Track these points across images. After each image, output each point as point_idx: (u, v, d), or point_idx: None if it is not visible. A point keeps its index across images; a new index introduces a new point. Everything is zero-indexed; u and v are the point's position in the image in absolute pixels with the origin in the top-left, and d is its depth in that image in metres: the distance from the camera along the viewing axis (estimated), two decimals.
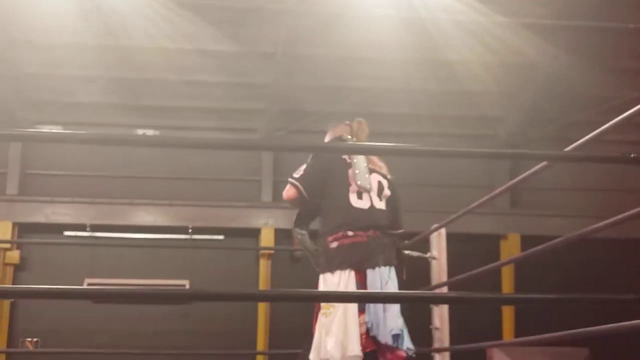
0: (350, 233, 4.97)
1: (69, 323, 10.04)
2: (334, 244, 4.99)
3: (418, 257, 6.56)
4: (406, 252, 6.50)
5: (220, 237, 11.08)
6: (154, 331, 10.42)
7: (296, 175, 5.17)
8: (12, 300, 10.37)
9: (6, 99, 10.70)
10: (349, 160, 5.22)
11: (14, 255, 10.55)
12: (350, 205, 5.06)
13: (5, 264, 10.49)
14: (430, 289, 6.32)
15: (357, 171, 5.17)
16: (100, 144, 9.86)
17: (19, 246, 10.63)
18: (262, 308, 10.70)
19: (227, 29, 9.82)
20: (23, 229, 10.77)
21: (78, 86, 10.62)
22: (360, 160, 5.27)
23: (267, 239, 10.91)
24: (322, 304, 4.99)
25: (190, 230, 10.72)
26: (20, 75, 10.47)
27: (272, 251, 10.92)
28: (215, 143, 6.10)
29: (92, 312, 10.33)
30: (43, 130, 10.69)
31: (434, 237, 6.55)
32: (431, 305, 6.36)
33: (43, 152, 11.11)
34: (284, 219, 10.96)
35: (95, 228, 10.62)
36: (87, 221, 10.58)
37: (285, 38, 9.85)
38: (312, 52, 10.21)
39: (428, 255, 6.56)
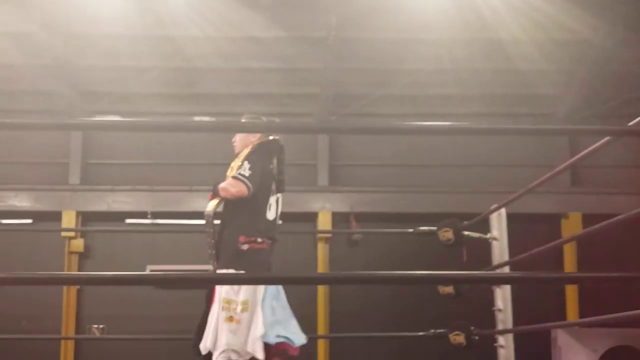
0: (259, 240, 5.40)
1: (133, 309, 10.22)
2: (245, 246, 5.34)
3: (478, 238, 6.53)
4: (466, 233, 6.47)
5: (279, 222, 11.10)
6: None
7: (245, 173, 5.35)
8: (78, 287, 10.59)
9: (64, 91, 10.90)
10: (275, 170, 5.62)
11: (79, 244, 10.77)
12: (266, 213, 5.53)
13: (71, 252, 10.72)
14: (491, 270, 6.27)
15: (277, 182, 5.67)
16: (157, 131, 10.05)
17: (83, 235, 10.83)
18: (322, 292, 10.75)
19: (277, 15, 9.85)
20: (86, 217, 10.97)
21: (133, 77, 10.77)
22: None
23: (324, 222, 10.93)
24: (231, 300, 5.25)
25: None
26: (76, 68, 10.65)
27: (329, 235, 10.94)
28: (269, 126, 6.10)
29: (155, 298, 10.49)
30: (102, 119, 10.86)
31: (493, 218, 6.49)
32: (493, 287, 6.31)
33: (103, 142, 11.29)
34: (341, 203, 10.99)
35: (155, 215, 10.75)
36: (148, 208, 10.71)
37: (336, 22, 9.83)
38: (363, 35, 10.18)
39: (488, 236, 6.51)
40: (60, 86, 10.83)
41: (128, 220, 10.82)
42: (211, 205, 5.46)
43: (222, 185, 5.40)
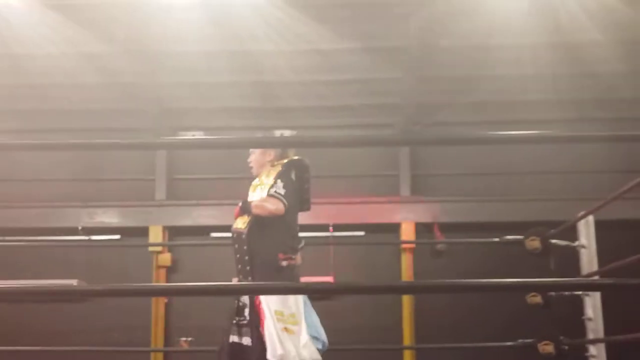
0: (293, 256, 5.56)
1: (219, 322, 10.28)
2: (285, 263, 5.50)
3: (566, 247, 6.42)
4: (553, 241, 6.37)
5: (361, 233, 11.13)
6: None
7: (280, 191, 5.49)
8: (166, 300, 10.78)
9: (149, 108, 11.14)
10: (299, 181, 5.71)
11: (166, 258, 10.96)
12: (297, 228, 5.73)
13: (159, 267, 10.92)
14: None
15: (302, 201, 5.80)
16: (240, 147, 10.14)
17: (170, 249, 11.03)
18: (407, 302, 10.69)
19: (352, 26, 9.88)
20: (172, 232, 11.17)
21: (212, 92, 10.94)
22: None
23: (407, 233, 10.88)
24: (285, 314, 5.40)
25: (331, 228, 10.82)
26: (157, 86, 10.87)
27: (413, 245, 10.88)
28: (351, 141, 6.13)
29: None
30: (187, 137, 11.09)
31: (581, 225, 6.38)
32: (583, 296, 6.19)
33: (187, 158, 11.48)
34: (424, 213, 10.93)
35: None
36: (232, 222, 10.81)
37: (415, 31, 9.81)
38: (443, 42, 10.13)
39: (576, 244, 6.40)
40: (142, 104, 11.08)
41: (213, 234, 10.97)
42: (241, 223, 5.57)
43: (256, 203, 5.51)
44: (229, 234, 10.82)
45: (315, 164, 11.12)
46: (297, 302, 5.48)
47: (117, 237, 10.97)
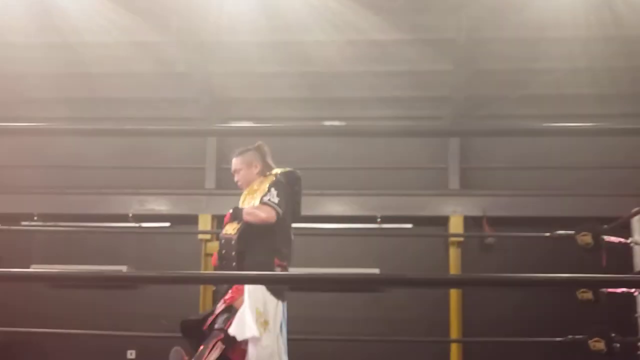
0: (286, 264, 5.55)
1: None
2: (279, 269, 5.47)
3: (618, 243, 6.34)
4: (605, 237, 6.29)
5: (409, 225, 11.10)
6: (346, 318, 10.61)
7: (274, 199, 5.44)
8: (214, 288, 10.84)
9: (200, 98, 11.22)
10: (292, 192, 5.70)
11: (214, 246, 11.02)
12: (291, 236, 5.69)
13: (207, 255, 11.02)
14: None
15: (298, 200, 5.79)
16: (290, 135, 10.21)
17: (218, 237, 11.09)
18: (455, 295, 10.63)
19: (403, 18, 9.86)
20: (221, 220, 11.22)
21: (263, 82, 10.98)
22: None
23: (456, 226, 10.82)
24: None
25: (379, 220, 10.81)
26: (209, 75, 10.94)
27: (461, 239, 10.82)
28: (402, 131, 6.10)
29: (288, 300, 10.63)
30: (236, 125, 11.18)
31: (635, 222, 6.29)
32: (636, 293, 6.10)
33: (236, 147, 11.50)
34: (473, 207, 10.86)
35: None
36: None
37: (466, 23, 9.74)
38: (493, 35, 10.06)
39: (630, 240, 6.31)
40: (194, 93, 11.17)
41: None
42: (231, 229, 5.53)
43: (248, 210, 5.48)
44: None
45: (364, 156, 11.24)
46: (276, 318, 5.47)
47: (167, 224, 11.07)
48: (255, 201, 5.51)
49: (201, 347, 5.21)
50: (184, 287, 10.18)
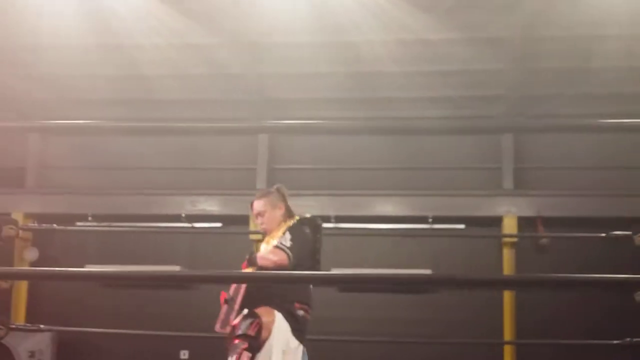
0: (308, 309, 5.51)
1: (317, 311, 10.32)
2: (301, 312, 5.44)
3: None
4: None
5: (461, 226, 10.98)
6: (398, 319, 10.54)
7: (286, 243, 5.37)
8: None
9: (252, 99, 11.26)
10: (312, 238, 5.63)
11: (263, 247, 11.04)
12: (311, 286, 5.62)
13: None
14: None
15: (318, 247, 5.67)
16: (341, 133, 10.18)
17: None
18: (508, 297, 10.49)
19: (455, 17, 9.77)
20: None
21: (315, 83, 10.97)
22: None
23: (509, 227, 10.67)
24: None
25: (430, 220, 10.72)
26: (262, 76, 10.96)
27: (515, 239, 10.66)
28: (452, 128, 6.02)
29: (338, 300, 10.63)
30: (288, 121, 11.17)
31: None
32: None
33: (287, 148, 11.56)
34: (527, 207, 10.71)
35: (339, 219, 10.89)
36: (331, 212, 10.86)
37: (519, 21, 9.61)
38: (548, 33, 9.89)
39: None
40: (245, 95, 11.20)
41: None
42: None
43: (261, 254, 5.44)
44: (327, 224, 10.93)
45: (416, 156, 11.16)
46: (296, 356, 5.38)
47: (218, 225, 11.12)
48: (270, 246, 5.49)
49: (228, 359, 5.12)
50: None
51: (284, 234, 5.49)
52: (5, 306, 10.48)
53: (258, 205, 5.85)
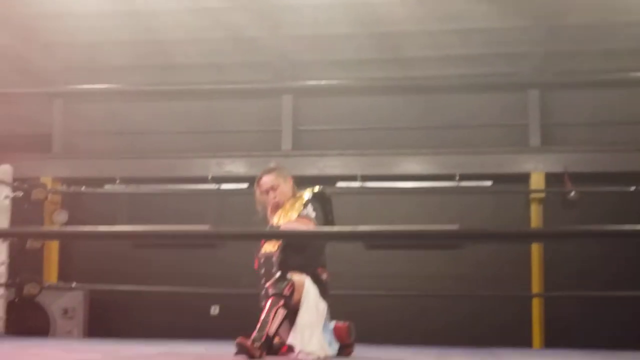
0: (327, 271, 5.84)
1: (346, 267, 10.38)
2: (324, 276, 5.75)
3: None
4: None
5: (489, 183, 10.98)
6: (425, 275, 10.60)
7: (311, 214, 5.66)
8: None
9: (272, 62, 11.26)
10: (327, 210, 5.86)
11: None
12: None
13: None
14: None
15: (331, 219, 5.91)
16: (368, 94, 10.17)
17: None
18: (535, 252, 10.49)
19: None
20: (298, 182, 11.27)
21: (334, 44, 10.92)
22: None
23: (537, 183, 10.65)
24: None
25: (457, 177, 10.72)
26: (281, 38, 10.92)
27: (542, 195, 10.64)
28: (477, 85, 6.01)
29: (366, 257, 10.71)
30: (312, 82, 11.24)
31: None
32: None
33: (312, 109, 11.57)
34: (555, 163, 10.68)
35: (365, 178, 10.92)
36: (357, 172, 10.90)
37: None
38: None
39: None
40: (265, 57, 11.19)
41: (339, 184, 11.06)
42: (270, 246, 5.68)
43: (288, 224, 5.59)
44: (354, 184, 11.00)
45: (442, 114, 11.16)
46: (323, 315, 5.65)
47: (244, 186, 11.20)
48: (292, 217, 5.67)
49: (262, 316, 5.26)
50: None
51: (304, 206, 5.69)
52: (38, 266, 10.68)
53: (269, 179, 6.03)
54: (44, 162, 11.53)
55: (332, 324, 5.83)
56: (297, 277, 5.49)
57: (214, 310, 10.90)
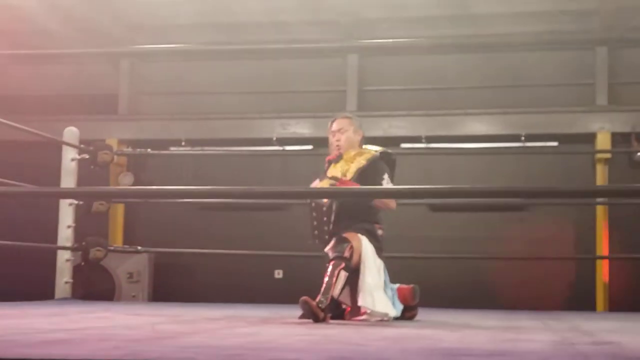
0: (382, 227, 5.84)
1: (409, 229, 10.35)
2: (380, 231, 5.76)
3: None
4: None
5: (554, 143, 10.84)
6: (490, 237, 10.55)
7: (391, 184, 5.68)
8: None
9: (338, 19, 11.18)
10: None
11: None
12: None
13: None
14: None
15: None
16: (433, 52, 10.07)
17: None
18: (601, 212, 10.36)
19: None
20: (364, 142, 11.28)
21: (400, 1, 10.79)
22: None
23: (603, 143, 10.48)
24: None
25: (523, 138, 10.61)
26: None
27: (609, 155, 10.48)
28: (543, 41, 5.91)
29: (428, 219, 10.70)
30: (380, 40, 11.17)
31: None
32: None
33: (377, 69, 11.52)
34: (622, 123, 10.49)
35: (430, 139, 10.88)
36: (423, 133, 10.85)
37: None
38: None
39: None
40: (332, 15, 11.12)
41: (403, 145, 11.03)
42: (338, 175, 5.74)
43: (379, 202, 5.70)
44: (419, 145, 10.94)
45: (507, 73, 11.01)
46: (381, 274, 5.65)
47: (309, 147, 11.24)
48: (350, 170, 5.69)
49: (325, 279, 5.30)
50: None
51: (382, 177, 5.65)
52: (103, 229, 10.87)
53: (342, 122, 6.05)
54: (110, 123, 11.70)
55: (396, 285, 5.84)
56: (354, 238, 5.48)
57: (278, 274, 11.03)
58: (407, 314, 5.84)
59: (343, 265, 5.32)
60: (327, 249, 5.56)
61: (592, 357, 2.82)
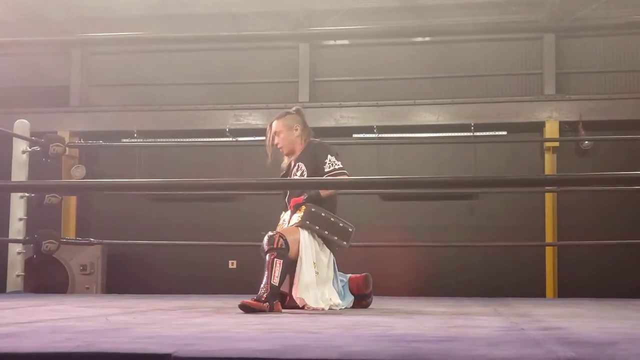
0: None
1: (361, 219, 10.46)
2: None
3: None
4: None
5: (503, 132, 11.01)
6: (441, 226, 10.70)
7: (341, 164, 5.78)
8: None
9: (289, 10, 11.23)
10: None
11: None
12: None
13: None
14: None
15: None
16: (381, 38, 10.02)
17: None
18: (549, 201, 10.58)
19: None
20: (315, 133, 11.32)
21: None
22: None
23: (551, 132, 10.68)
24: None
25: (472, 127, 10.76)
26: None
27: (557, 144, 10.68)
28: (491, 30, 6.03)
29: (382, 208, 10.81)
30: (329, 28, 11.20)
31: None
32: None
33: (329, 60, 11.59)
34: (569, 112, 10.69)
35: (381, 129, 10.98)
36: (374, 123, 10.95)
37: None
38: None
39: None
40: (284, 7, 11.14)
41: (355, 135, 11.12)
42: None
43: (324, 193, 5.76)
44: (370, 135, 11.03)
45: (456, 64, 11.14)
46: (329, 267, 5.71)
47: (262, 138, 11.17)
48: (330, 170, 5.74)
49: (266, 273, 5.31)
50: None
51: (328, 159, 5.77)
52: (56, 221, 10.79)
53: (276, 124, 6.19)
54: (62, 115, 11.60)
55: (348, 276, 5.91)
56: (288, 232, 5.51)
57: (232, 264, 11.06)
58: (361, 303, 5.91)
59: (275, 254, 5.33)
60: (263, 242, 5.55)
61: (541, 342, 2.89)
